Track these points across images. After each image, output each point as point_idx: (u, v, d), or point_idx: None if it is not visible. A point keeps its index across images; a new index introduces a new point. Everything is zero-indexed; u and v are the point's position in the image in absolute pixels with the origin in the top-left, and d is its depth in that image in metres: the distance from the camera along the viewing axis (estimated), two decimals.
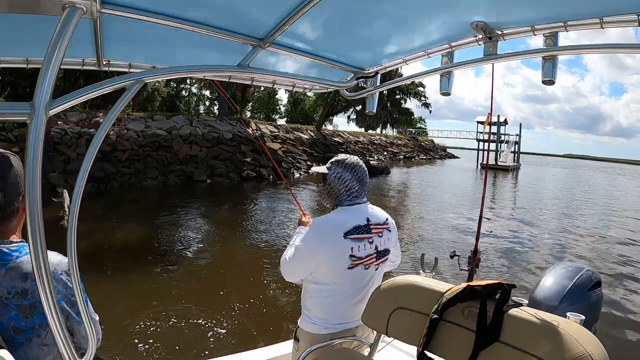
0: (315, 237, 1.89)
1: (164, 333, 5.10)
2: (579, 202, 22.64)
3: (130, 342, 4.83)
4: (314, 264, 1.89)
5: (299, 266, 1.94)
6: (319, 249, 1.86)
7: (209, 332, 5.23)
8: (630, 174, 65.80)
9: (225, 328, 5.38)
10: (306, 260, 1.91)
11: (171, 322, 5.36)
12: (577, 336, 1.24)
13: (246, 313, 5.82)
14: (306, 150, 28.12)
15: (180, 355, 4.68)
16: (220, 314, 5.74)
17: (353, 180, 1.98)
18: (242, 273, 7.72)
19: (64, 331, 1.37)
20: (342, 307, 1.93)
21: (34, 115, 1.19)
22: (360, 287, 1.94)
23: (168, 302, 6.01)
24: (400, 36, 1.95)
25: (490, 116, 2.94)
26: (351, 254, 1.86)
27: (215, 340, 5.07)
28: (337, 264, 1.87)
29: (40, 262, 1.26)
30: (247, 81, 2.37)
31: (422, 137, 63.73)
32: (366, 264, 1.91)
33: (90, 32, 1.72)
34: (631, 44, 1.43)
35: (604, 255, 10.55)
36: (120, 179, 16.22)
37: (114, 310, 5.56)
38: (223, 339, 5.11)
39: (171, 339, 4.97)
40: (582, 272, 2.20)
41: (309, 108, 49.99)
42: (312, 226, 1.94)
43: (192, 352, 4.73)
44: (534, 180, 38.06)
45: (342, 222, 1.88)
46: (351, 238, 1.86)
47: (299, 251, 1.91)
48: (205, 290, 6.59)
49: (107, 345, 4.54)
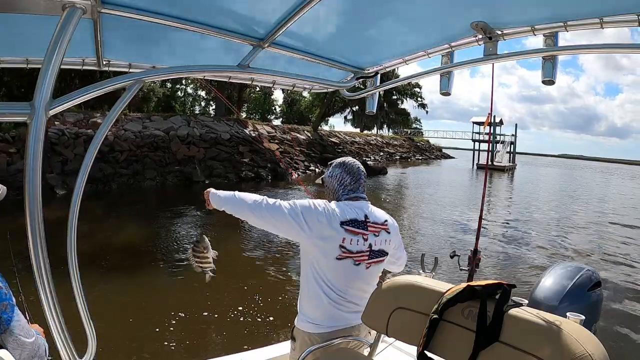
0: (314, 209, 1.85)
1: (163, 333, 5.09)
2: (576, 202, 22.67)
3: (129, 342, 4.82)
4: (294, 231, 1.83)
5: (288, 221, 1.84)
6: (315, 221, 1.82)
7: (208, 332, 5.23)
8: (624, 174, 65.95)
9: (225, 328, 5.37)
10: (297, 223, 1.83)
11: (170, 323, 5.35)
12: (577, 336, 1.24)
13: (246, 313, 5.80)
14: (303, 151, 28.11)
15: (180, 355, 4.67)
16: (220, 314, 5.72)
17: (343, 173, 1.99)
18: (242, 273, 7.71)
19: (64, 331, 1.37)
20: (335, 306, 1.92)
21: (34, 116, 1.19)
22: (350, 284, 1.92)
23: (167, 302, 6.00)
24: (400, 36, 1.95)
25: (490, 116, 2.94)
26: (341, 244, 1.84)
27: (214, 340, 5.06)
28: (326, 250, 1.85)
29: (41, 262, 1.26)
30: (247, 81, 2.37)
31: (418, 138, 63.72)
32: (357, 259, 1.89)
33: (90, 32, 1.72)
34: (631, 44, 1.43)
35: (603, 254, 10.56)
36: (119, 180, 16.16)
37: (114, 310, 5.55)
38: (222, 339, 5.10)
39: (170, 339, 4.95)
40: (582, 272, 2.20)
41: (305, 108, 49.90)
42: (316, 200, 1.91)
43: (192, 352, 4.72)
44: (531, 180, 38.10)
45: (341, 211, 1.88)
46: (345, 229, 1.85)
47: (298, 213, 1.84)
48: (204, 291, 6.57)
49: (104, 346, 4.53)
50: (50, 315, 1.32)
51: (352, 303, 1.94)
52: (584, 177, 49.79)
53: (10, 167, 13.68)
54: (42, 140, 1.21)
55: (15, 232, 2.07)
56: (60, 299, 1.34)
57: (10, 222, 2.25)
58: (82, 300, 1.55)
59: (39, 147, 1.21)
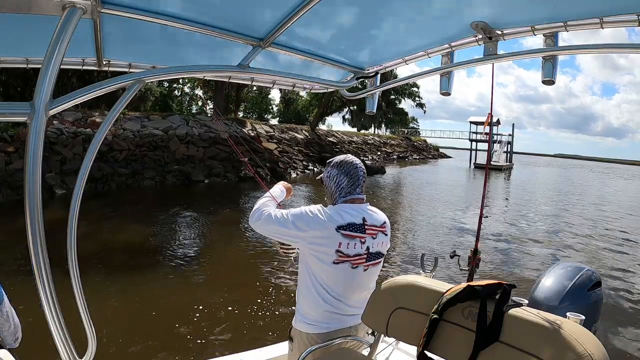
0: (307, 215, 1.87)
1: (163, 333, 5.09)
2: (575, 202, 22.71)
3: (129, 342, 4.82)
4: (294, 239, 1.88)
5: (279, 231, 1.89)
6: (307, 228, 1.84)
7: (208, 332, 5.22)
8: (620, 174, 66.05)
9: (225, 328, 5.36)
10: (288, 232, 1.87)
11: (170, 323, 5.35)
12: (577, 336, 1.24)
13: (245, 313, 5.80)
14: (302, 150, 28.11)
15: (180, 354, 4.67)
16: (220, 313, 5.73)
17: (340, 174, 1.97)
18: (241, 273, 7.71)
19: (64, 331, 1.37)
20: (332, 308, 1.91)
21: (34, 115, 1.19)
22: (348, 287, 1.92)
23: (167, 302, 6.00)
24: (400, 36, 1.95)
25: (490, 116, 2.94)
26: (338, 249, 1.83)
27: (214, 340, 5.06)
28: (322, 255, 1.84)
29: (41, 261, 1.26)
30: (247, 81, 2.37)
31: (415, 137, 63.84)
32: (354, 263, 1.88)
33: (90, 32, 1.72)
34: (631, 44, 1.43)
35: (603, 254, 10.58)
36: (118, 180, 16.12)
37: (114, 310, 5.55)
38: (222, 339, 5.10)
39: (170, 339, 4.95)
40: (582, 272, 2.20)
41: (302, 108, 49.93)
42: (311, 206, 1.91)
43: (192, 352, 4.72)
44: (528, 179, 38.17)
45: (338, 216, 1.87)
46: (342, 233, 1.84)
47: (288, 222, 1.87)
48: (204, 291, 6.58)
49: (104, 346, 4.53)
50: (50, 315, 1.32)
51: (349, 305, 1.93)
52: (580, 177, 49.88)
53: (9, 167, 13.65)
54: (43, 140, 1.21)
55: (15, 232, 2.08)
56: (60, 299, 1.34)
57: (9, 222, 2.25)
58: (82, 300, 1.55)
59: (39, 147, 1.21)
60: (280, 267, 7.62)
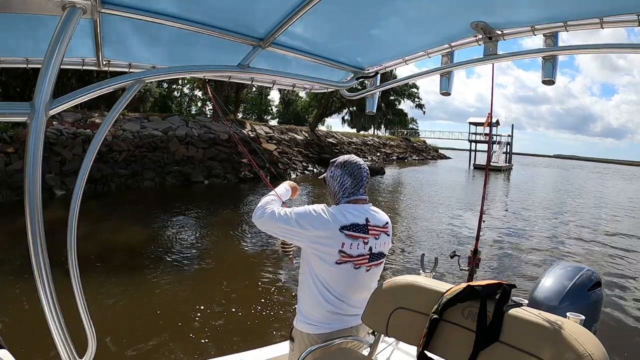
0: (310, 214, 1.87)
1: (163, 333, 5.08)
2: (575, 202, 22.71)
3: (128, 342, 4.81)
4: (297, 237, 1.88)
5: (282, 228, 1.89)
6: (310, 228, 1.84)
7: (208, 331, 5.22)
8: (620, 174, 66.04)
9: (224, 328, 5.36)
10: (291, 229, 1.88)
11: (169, 323, 5.34)
12: (577, 336, 1.24)
13: (245, 313, 5.80)
14: (301, 151, 28.11)
15: (180, 354, 4.67)
16: (220, 313, 5.72)
17: (344, 175, 1.97)
18: (241, 273, 7.71)
19: (64, 331, 1.36)
20: (334, 308, 1.91)
21: (34, 116, 1.19)
22: (350, 288, 1.92)
23: (167, 302, 5.99)
24: (400, 36, 1.95)
25: (490, 117, 2.94)
26: (341, 249, 1.83)
27: (214, 340, 5.05)
28: (325, 255, 1.85)
29: (40, 261, 1.26)
30: (247, 81, 2.37)
31: (415, 138, 63.86)
32: (357, 263, 1.88)
33: (90, 32, 1.72)
34: (631, 44, 1.43)
35: (603, 254, 10.58)
36: (118, 181, 16.09)
37: (114, 310, 5.54)
38: (222, 339, 5.10)
39: (169, 339, 4.95)
40: (582, 272, 2.20)
41: (301, 109, 49.95)
42: (315, 206, 1.92)
43: (192, 352, 4.72)
44: (528, 180, 38.14)
45: (341, 216, 1.87)
46: (345, 234, 1.84)
47: (291, 220, 1.87)
48: (204, 291, 6.57)
49: (104, 346, 4.53)
50: (50, 315, 1.31)
51: (351, 306, 1.94)
52: (580, 177, 49.88)
53: (9, 168, 13.64)
54: (43, 141, 1.21)
55: (15, 232, 2.08)
56: (60, 299, 1.34)
57: (9, 223, 2.25)
58: (82, 300, 1.54)
59: (39, 147, 1.21)
60: (281, 267, 7.62)
